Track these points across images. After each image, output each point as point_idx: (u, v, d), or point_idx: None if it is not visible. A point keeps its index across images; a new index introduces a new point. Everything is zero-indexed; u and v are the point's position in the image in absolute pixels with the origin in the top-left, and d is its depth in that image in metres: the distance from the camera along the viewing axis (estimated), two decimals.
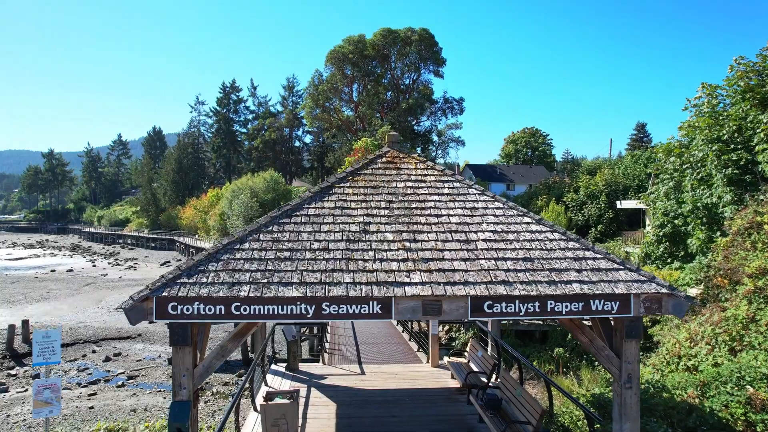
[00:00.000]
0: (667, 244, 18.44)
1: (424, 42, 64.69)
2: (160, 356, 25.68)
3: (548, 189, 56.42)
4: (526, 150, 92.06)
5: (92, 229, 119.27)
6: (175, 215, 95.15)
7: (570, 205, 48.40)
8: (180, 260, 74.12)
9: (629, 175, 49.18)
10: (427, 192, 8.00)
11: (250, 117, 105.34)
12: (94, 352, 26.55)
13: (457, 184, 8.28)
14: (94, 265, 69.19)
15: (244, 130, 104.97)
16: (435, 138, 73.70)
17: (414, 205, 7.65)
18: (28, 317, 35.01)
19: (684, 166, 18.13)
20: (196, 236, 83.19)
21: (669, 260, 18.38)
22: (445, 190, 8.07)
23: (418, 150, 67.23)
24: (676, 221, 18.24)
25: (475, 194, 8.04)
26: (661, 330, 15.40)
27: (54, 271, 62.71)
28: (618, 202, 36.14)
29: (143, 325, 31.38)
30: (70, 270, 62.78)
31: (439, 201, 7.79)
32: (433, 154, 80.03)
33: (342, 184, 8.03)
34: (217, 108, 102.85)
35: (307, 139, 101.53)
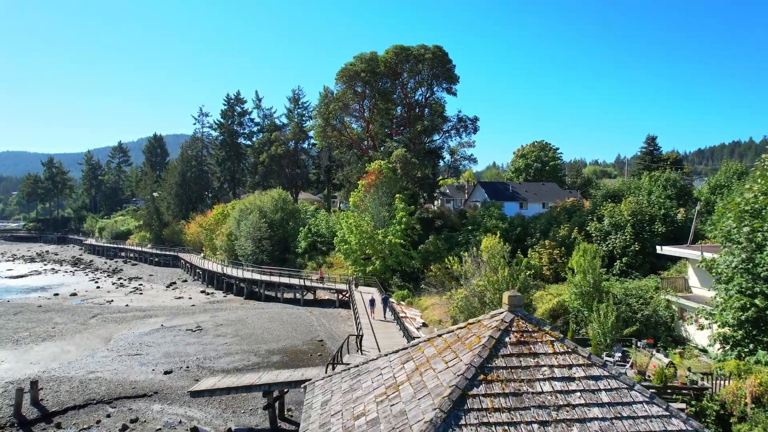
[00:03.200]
0: (749, 327, 16.88)
1: (438, 59, 63.13)
2: (180, 422, 23.95)
3: (568, 215, 54.85)
4: (537, 164, 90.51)
5: (93, 242, 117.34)
6: (179, 230, 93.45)
7: (594, 235, 46.82)
8: (186, 280, 72.42)
9: (654, 203, 47.54)
10: (582, 401, 6.36)
11: (255, 129, 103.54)
12: (108, 416, 24.80)
13: (614, 383, 6.63)
14: (98, 287, 67.37)
15: (249, 143, 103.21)
16: (446, 156, 72.03)
17: (575, 428, 6.00)
18: (35, 362, 33.38)
19: (765, 241, 16.58)
20: (202, 254, 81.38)
21: (751, 345, 16.83)
22: (604, 397, 6.43)
23: (427, 166, 65.24)
24: (756, 300, 16.67)
25: (642, 402, 6.40)
26: None
27: (57, 294, 60.92)
28: (659, 248, 34.53)
29: (159, 378, 29.71)
30: (74, 294, 60.96)
31: (603, 419, 6.15)
32: (443, 170, 78.57)
33: (476, 390, 6.38)
34: (221, 120, 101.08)
35: (314, 152, 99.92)
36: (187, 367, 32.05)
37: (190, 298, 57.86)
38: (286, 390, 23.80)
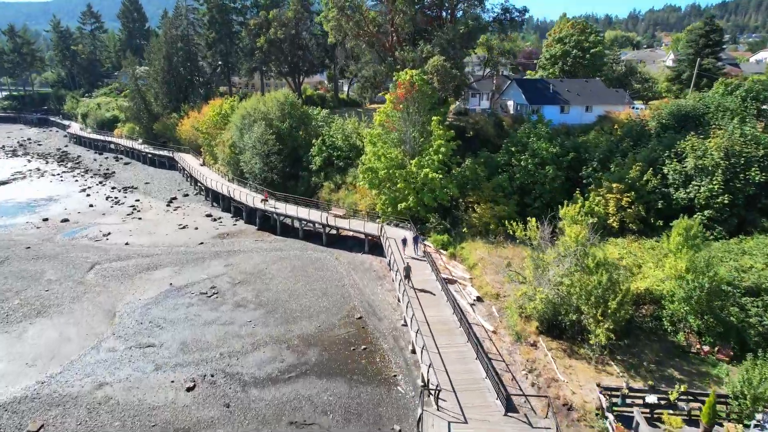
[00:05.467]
0: None
1: None
2: None
3: (632, 140, 46.52)
4: (576, 51, 78.39)
5: (79, 131, 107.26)
6: (171, 125, 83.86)
7: (672, 179, 39.56)
8: (187, 194, 65.68)
9: (750, 141, 39.03)
10: None
11: (248, 2, 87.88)
12: None
13: None
14: (92, 205, 60.67)
15: (242, 19, 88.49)
16: (478, 51, 60.73)
17: None
18: (32, 363, 28.55)
19: None
20: (201, 160, 73.39)
21: None
22: None
23: (462, 69, 54.65)
24: None
25: None
26: None
27: (47, 220, 54.73)
28: None
29: (181, 399, 24.98)
30: (65, 220, 54.63)
31: None
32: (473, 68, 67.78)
33: None
34: None
35: (316, 28, 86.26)
36: (212, 375, 27.16)
37: (197, 229, 51.79)
38: None
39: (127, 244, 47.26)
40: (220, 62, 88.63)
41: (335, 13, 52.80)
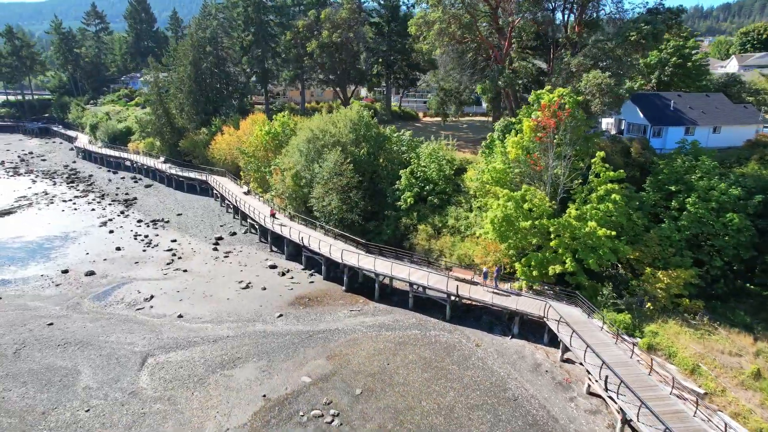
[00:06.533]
0: None
1: None
2: None
3: None
4: (676, 60, 67.43)
5: (87, 144, 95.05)
6: (201, 142, 72.06)
7: None
8: (234, 233, 53.77)
9: None
10: None
11: (288, 1, 76.32)
12: None
13: None
14: (119, 248, 48.71)
15: (281, 19, 76.92)
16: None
17: None
18: None
19: None
20: (245, 186, 61.59)
21: None
22: None
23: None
24: None
25: None
26: None
27: (67, 272, 42.82)
28: None
29: None
30: (91, 273, 42.67)
31: None
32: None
33: None
34: None
35: (370, 30, 74.92)
36: None
37: (264, 289, 39.98)
38: None
39: (180, 316, 35.39)
40: (256, 69, 76.80)
41: (439, 13, 41.29)
